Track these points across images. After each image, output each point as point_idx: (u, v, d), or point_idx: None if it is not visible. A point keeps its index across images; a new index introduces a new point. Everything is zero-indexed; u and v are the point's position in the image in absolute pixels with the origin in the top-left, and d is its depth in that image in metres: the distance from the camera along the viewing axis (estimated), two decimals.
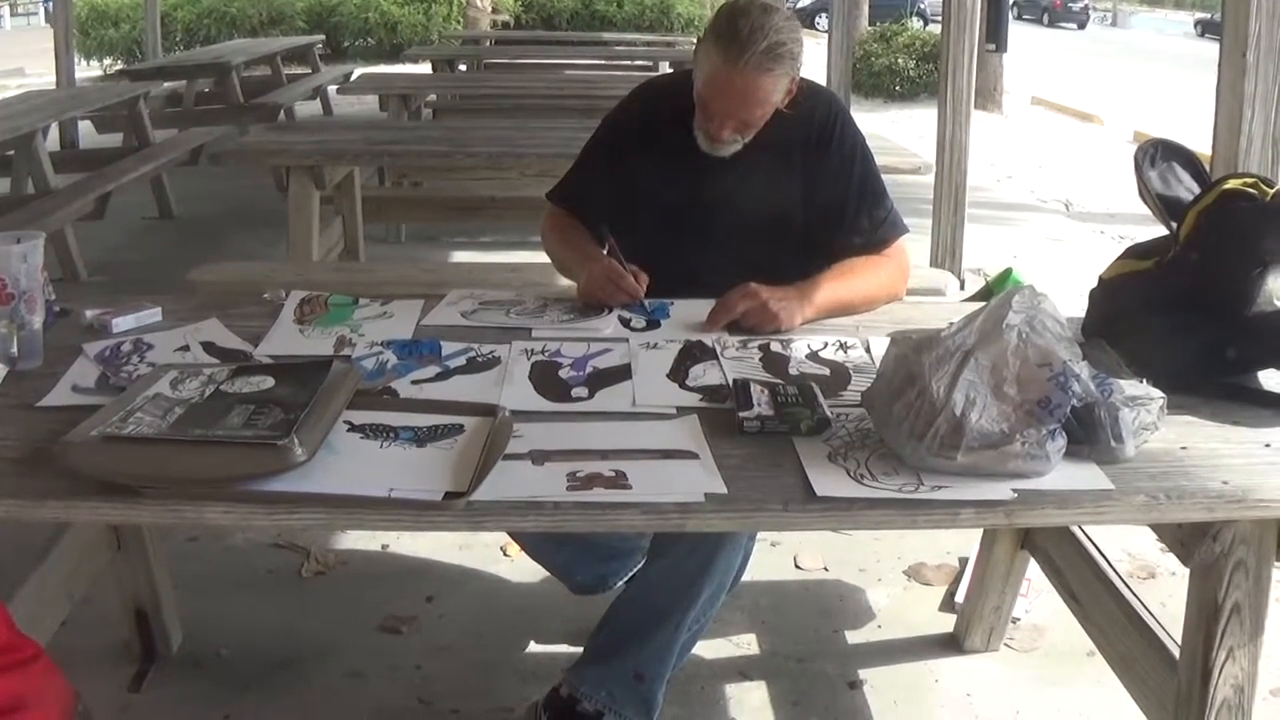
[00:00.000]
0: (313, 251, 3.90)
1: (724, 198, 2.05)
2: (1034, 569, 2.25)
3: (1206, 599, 1.50)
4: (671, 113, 2.05)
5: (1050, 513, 1.34)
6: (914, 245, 2.25)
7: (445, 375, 1.67)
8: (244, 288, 2.88)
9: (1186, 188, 1.77)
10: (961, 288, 4.38)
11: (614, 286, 1.94)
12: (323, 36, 13.13)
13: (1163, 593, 2.41)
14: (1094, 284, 1.81)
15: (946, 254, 4.82)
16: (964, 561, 2.58)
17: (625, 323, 1.91)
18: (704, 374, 1.68)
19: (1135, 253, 1.78)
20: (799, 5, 24.33)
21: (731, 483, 1.33)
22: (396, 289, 2.37)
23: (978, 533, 2.39)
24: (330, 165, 3.92)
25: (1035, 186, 7.77)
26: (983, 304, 1.44)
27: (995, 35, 10.98)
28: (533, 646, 2.33)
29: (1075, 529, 2.00)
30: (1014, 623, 2.37)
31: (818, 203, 2.05)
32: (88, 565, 2.05)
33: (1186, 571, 1.54)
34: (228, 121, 7.40)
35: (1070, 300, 1.79)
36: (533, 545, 2.22)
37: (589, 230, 2.13)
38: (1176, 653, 1.62)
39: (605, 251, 2.03)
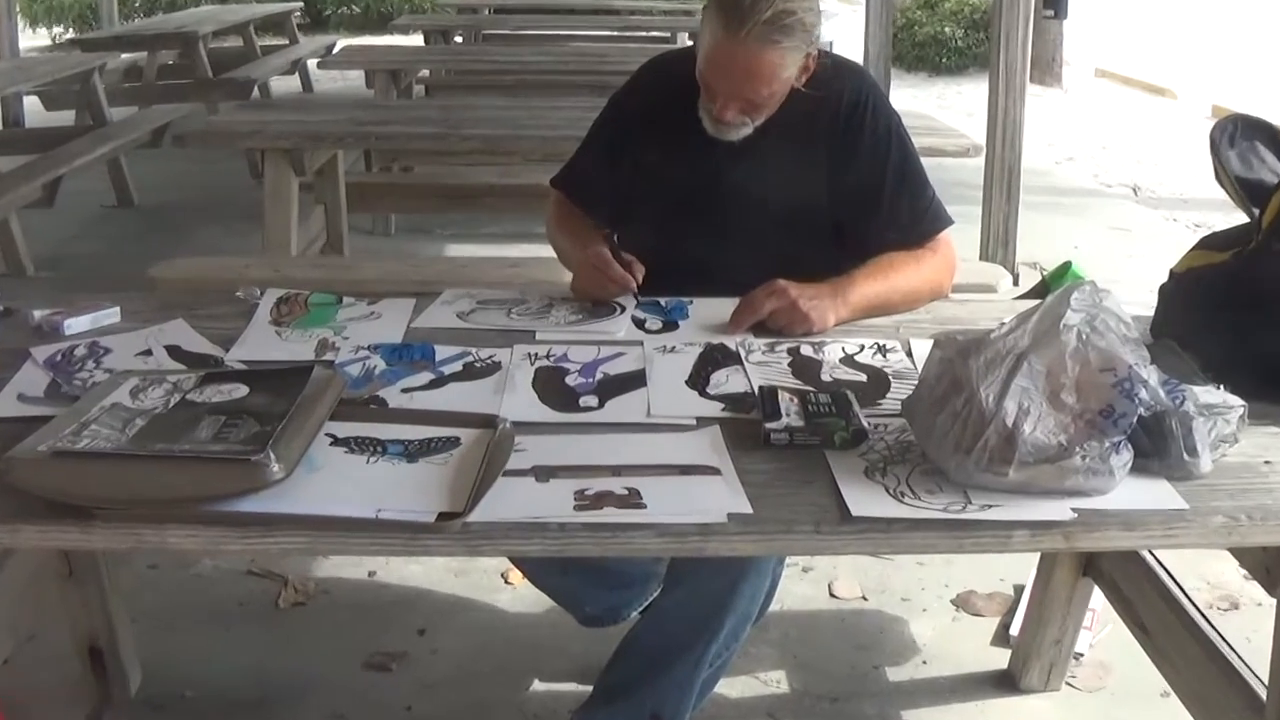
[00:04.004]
0: (291, 245, 3.91)
1: (740, 187, 2.06)
2: (1099, 598, 2.24)
3: None
4: (681, 93, 2.05)
5: (1115, 535, 1.34)
6: (961, 237, 2.25)
7: (439, 383, 1.68)
8: (214, 285, 2.89)
9: (1270, 169, 1.76)
10: (1015, 283, 4.37)
11: (601, 277, 1.95)
12: (301, 3, 13.15)
13: (1247, 626, 2.39)
14: (1164, 278, 1.81)
15: (998, 246, 4.81)
16: (1019, 590, 2.57)
17: (639, 324, 1.92)
18: (726, 380, 1.69)
19: (1212, 243, 1.78)
20: None
21: (757, 501, 1.33)
22: (385, 287, 2.38)
23: (1034, 558, 2.39)
24: (310, 148, 3.93)
25: (1099, 169, 7.75)
26: (1038, 301, 1.44)
27: (1054, 0, 10.95)
28: (536, 685, 2.33)
29: (1145, 553, 1.99)
30: (1076, 659, 2.36)
31: (848, 193, 2.06)
32: (35, 596, 2.06)
33: (1273, 602, 1.53)
34: (194, 98, 7.44)
35: (1138, 296, 1.79)
36: (536, 572, 2.23)
37: (591, 220, 2.15)
38: (1263, 693, 1.61)
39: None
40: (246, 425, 1.36)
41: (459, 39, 9.07)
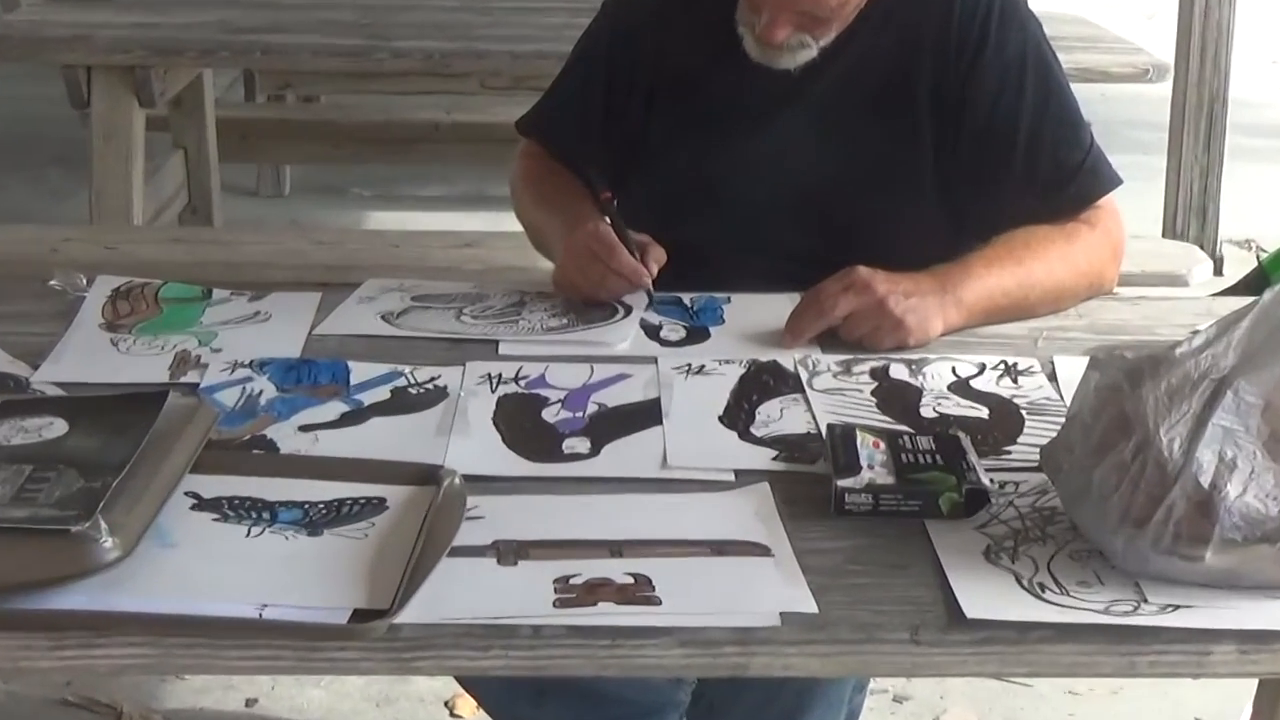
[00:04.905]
0: (134, 210, 3.92)
1: (799, 136, 2.08)
2: None
3: None
4: None
5: None
6: (1132, 203, 2.26)
7: (356, 417, 1.69)
8: (14, 268, 2.90)
9: None
10: (1216, 272, 4.36)
11: (600, 267, 1.96)
12: None
13: None
14: None
15: (1190, 216, 4.81)
16: None
17: (652, 332, 1.93)
18: (780, 416, 1.70)
19: None
20: None
21: (825, 595, 1.33)
22: (276, 273, 2.40)
23: (1247, 686, 2.38)
24: (162, 66, 3.94)
25: None
26: (1252, 299, 1.45)
27: None
28: None
29: None
30: None
31: (963, 142, 2.07)
32: None
33: None
34: None
35: None
36: (498, 699, 2.23)
37: (580, 180, 2.16)
38: None
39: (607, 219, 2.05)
40: (64, 480, 1.36)
41: None
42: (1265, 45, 8.34)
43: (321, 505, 1.45)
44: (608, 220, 2.02)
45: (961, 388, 1.78)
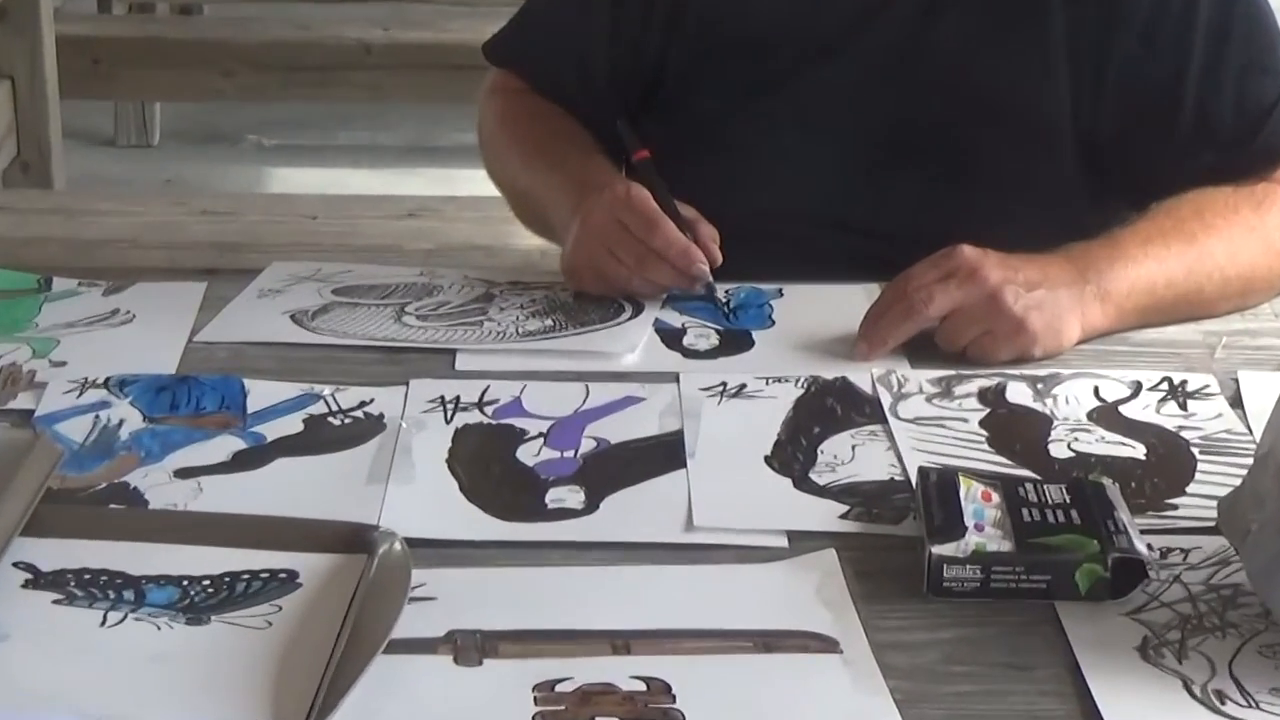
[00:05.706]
0: None
1: (872, 67, 2.10)
2: None
3: None
4: None
5: None
6: None
7: (255, 458, 1.70)
8: None
9: None
10: None
11: (637, 246, 1.96)
12: None
13: None
14: None
15: None
16: None
17: (673, 338, 1.95)
18: (852, 456, 1.70)
19: None
20: None
21: (915, 707, 1.33)
22: (141, 256, 2.40)
23: None
24: None
25: None
26: None
27: None
28: None
29: None
30: None
31: (1111, 71, 2.08)
32: None
33: None
34: None
35: None
36: None
37: (584, 127, 2.18)
38: None
39: (624, 170, 2.06)
40: None
41: None
42: None
43: (207, 582, 1.45)
44: (648, 183, 2.01)
45: (1108, 416, 1.78)
